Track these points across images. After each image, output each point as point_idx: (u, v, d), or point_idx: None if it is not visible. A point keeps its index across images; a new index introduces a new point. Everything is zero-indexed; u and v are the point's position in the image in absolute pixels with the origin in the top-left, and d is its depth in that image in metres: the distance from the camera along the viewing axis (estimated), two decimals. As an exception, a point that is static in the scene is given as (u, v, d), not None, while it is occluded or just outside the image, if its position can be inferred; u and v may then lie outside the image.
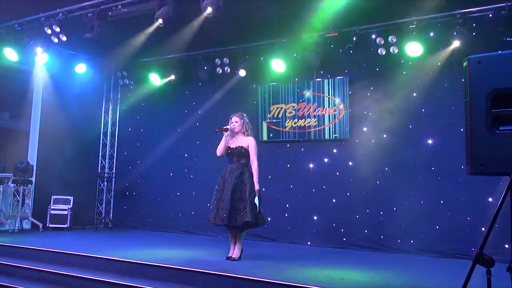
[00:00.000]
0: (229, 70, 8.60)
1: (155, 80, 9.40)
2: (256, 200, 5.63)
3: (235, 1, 6.35)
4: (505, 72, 2.46)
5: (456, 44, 6.62)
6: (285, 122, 8.23)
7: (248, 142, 5.86)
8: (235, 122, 5.92)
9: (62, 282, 5.50)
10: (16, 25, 8.01)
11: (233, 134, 5.91)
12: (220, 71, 8.68)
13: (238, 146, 5.84)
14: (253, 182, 5.71)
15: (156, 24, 6.67)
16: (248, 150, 5.82)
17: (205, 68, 8.79)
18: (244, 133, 5.93)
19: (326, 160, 7.91)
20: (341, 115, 7.69)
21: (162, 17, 6.52)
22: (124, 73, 9.83)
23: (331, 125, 7.81)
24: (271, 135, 8.37)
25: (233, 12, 6.56)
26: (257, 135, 8.00)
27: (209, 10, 6.17)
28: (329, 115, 7.84)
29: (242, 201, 5.62)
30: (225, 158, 6.00)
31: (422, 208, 6.97)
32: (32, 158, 9.23)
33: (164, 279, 5.16)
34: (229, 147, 5.89)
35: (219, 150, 5.91)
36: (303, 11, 6.86)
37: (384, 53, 7.25)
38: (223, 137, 5.91)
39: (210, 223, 5.81)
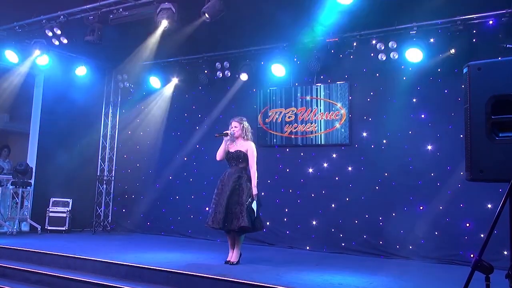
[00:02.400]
0: (229, 74, 8.61)
1: (155, 83, 9.42)
2: (254, 205, 5.62)
3: (235, 6, 6.36)
4: (505, 79, 2.46)
5: (456, 50, 6.63)
6: (284, 126, 8.24)
7: (247, 146, 5.88)
8: (234, 127, 5.94)
9: (60, 285, 5.49)
10: (17, 27, 8.02)
11: (233, 138, 5.93)
12: (221, 75, 8.69)
13: (237, 151, 5.87)
14: (251, 186, 5.73)
15: (161, 27, 6.66)
16: (247, 155, 5.84)
17: (206, 71, 8.80)
18: (244, 138, 5.94)
19: (325, 165, 7.91)
20: (343, 120, 7.70)
21: (168, 19, 6.49)
22: (124, 76, 9.83)
23: (331, 130, 7.81)
24: (270, 139, 8.38)
25: (233, 16, 6.58)
26: (256, 139, 8.00)
27: (206, 15, 6.21)
28: (329, 120, 7.84)
29: (238, 205, 5.63)
30: (224, 162, 6.01)
31: (421, 213, 6.97)
32: (32, 160, 9.23)
33: (162, 283, 5.15)
34: (228, 151, 5.92)
35: (219, 155, 5.94)
36: (304, 16, 6.88)
37: (384, 58, 7.27)
38: (223, 142, 5.93)
39: (209, 226, 5.81)
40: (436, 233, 6.83)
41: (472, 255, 6.25)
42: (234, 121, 5.98)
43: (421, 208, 7.00)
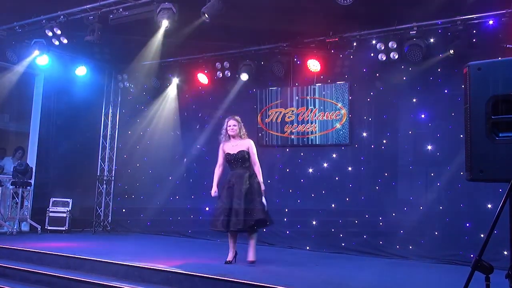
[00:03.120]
0: (229, 74, 8.61)
1: (156, 83, 9.41)
2: (264, 200, 5.69)
3: (235, 6, 6.36)
4: (505, 79, 2.47)
5: (456, 50, 6.62)
6: (284, 126, 8.24)
7: (248, 144, 5.87)
8: (233, 125, 5.91)
9: (60, 285, 5.49)
10: (17, 27, 8.02)
11: (229, 138, 5.91)
12: (221, 75, 8.69)
13: (240, 151, 5.82)
14: (259, 182, 5.74)
15: (161, 27, 6.66)
16: (249, 153, 5.82)
17: (206, 71, 8.80)
18: (241, 137, 5.92)
19: (325, 165, 7.91)
20: (343, 120, 7.70)
21: (168, 19, 6.49)
22: (124, 76, 9.84)
23: (332, 130, 7.81)
24: (270, 139, 8.37)
25: (233, 16, 6.58)
26: (256, 140, 8.00)
27: (206, 16, 6.22)
28: (329, 120, 7.84)
29: (252, 202, 5.62)
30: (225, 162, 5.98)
31: (421, 213, 6.97)
32: (32, 160, 9.23)
33: (162, 283, 5.14)
34: (228, 153, 5.86)
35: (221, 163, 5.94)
36: (304, 16, 6.88)
37: (384, 58, 7.25)
38: (220, 150, 5.93)
39: (217, 229, 5.76)
40: (436, 233, 6.83)
41: (472, 255, 6.25)
42: (233, 119, 5.95)
43: (421, 208, 6.99)
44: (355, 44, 7.52)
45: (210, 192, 5.93)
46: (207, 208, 8.19)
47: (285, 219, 8.13)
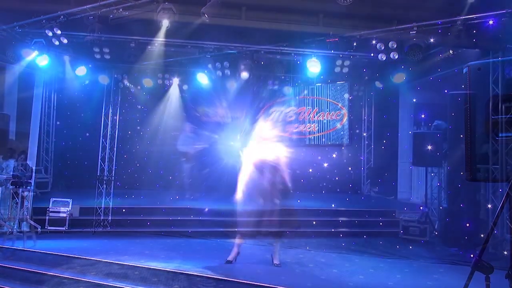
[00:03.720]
0: (229, 73, 8.61)
1: (155, 83, 9.42)
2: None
3: (235, 6, 6.37)
4: (504, 79, 2.47)
5: (456, 50, 6.63)
6: (285, 126, 8.24)
7: (279, 149, 5.58)
8: (267, 128, 5.59)
9: (60, 285, 5.48)
10: (17, 27, 8.01)
11: (258, 141, 5.65)
12: (221, 74, 8.69)
13: (272, 155, 5.49)
14: (289, 188, 5.68)
15: (161, 27, 6.67)
16: (279, 158, 5.54)
17: (206, 71, 8.80)
18: (270, 140, 5.64)
19: (325, 165, 7.93)
20: (344, 120, 7.71)
21: (168, 19, 6.51)
22: (124, 76, 9.84)
23: (332, 131, 7.82)
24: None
25: (233, 16, 6.59)
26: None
27: (206, 16, 6.24)
28: (329, 120, 7.85)
29: (285, 208, 5.61)
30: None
31: (421, 213, 6.97)
32: (32, 160, 9.22)
33: (162, 283, 5.14)
34: (259, 158, 5.49)
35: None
36: (304, 16, 6.89)
37: (384, 58, 7.26)
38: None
39: (242, 230, 5.72)
40: (436, 233, 6.83)
41: (472, 255, 6.25)
42: (268, 121, 5.81)
43: (421, 208, 7.00)
44: (355, 44, 7.52)
45: (226, 196, 5.80)
46: (206, 209, 8.20)
47: (285, 219, 8.13)
